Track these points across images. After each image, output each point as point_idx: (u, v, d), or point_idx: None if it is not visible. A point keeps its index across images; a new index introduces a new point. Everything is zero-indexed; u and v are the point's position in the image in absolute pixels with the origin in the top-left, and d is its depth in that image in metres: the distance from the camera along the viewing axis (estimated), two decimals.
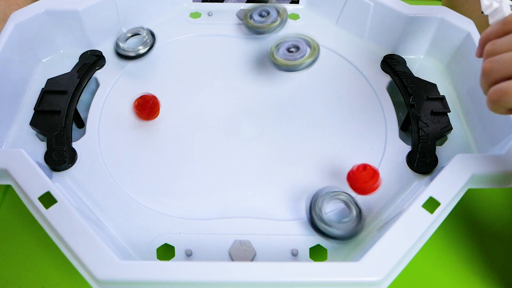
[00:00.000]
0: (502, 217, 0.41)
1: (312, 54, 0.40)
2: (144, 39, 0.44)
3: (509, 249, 0.39)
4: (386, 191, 0.36)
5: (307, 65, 0.40)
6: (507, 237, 0.39)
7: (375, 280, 0.27)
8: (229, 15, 0.50)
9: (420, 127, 0.39)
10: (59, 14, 0.43)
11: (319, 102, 0.42)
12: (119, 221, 0.34)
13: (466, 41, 0.43)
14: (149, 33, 0.45)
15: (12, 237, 0.38)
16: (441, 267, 0.38)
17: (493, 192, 0.42)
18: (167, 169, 0.37)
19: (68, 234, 0.28)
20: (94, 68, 0.44)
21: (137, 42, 0.45)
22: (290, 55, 0.41)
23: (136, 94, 0.42)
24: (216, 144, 0.39)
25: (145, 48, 0.44)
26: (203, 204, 0.36)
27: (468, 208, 0.41)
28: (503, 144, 0.35)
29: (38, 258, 0.37)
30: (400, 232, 0.29)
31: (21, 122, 0.39)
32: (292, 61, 0.40)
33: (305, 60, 0.40)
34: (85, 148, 0.38)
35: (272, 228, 0.34)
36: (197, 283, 0.27)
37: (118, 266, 0.27)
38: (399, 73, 0.44)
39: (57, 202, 0.30)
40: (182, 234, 0.34)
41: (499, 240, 0.39)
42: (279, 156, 0.39)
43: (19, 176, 0.31)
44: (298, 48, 0.41)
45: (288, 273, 0.27)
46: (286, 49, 0.41)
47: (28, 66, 0.43)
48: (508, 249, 0.39)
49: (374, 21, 0.47)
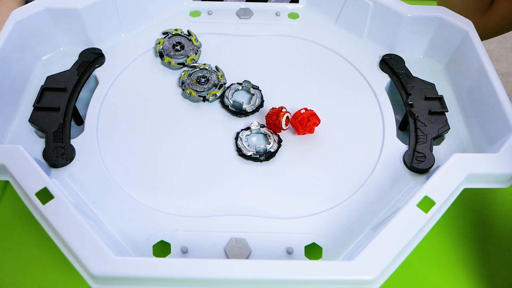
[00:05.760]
0: (498, 217, 0.41)
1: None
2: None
3: (505, 249, 0.39)
4: (382, 190, 0.36)
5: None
6: (503, 237, 0.39)
7: (369, 278, 0.27)
8: (229, 13, 0.50)
9: (418, 127, 0.39)
10: (59, 12, 0.43)
11: (316, 101, 0.42)
12: (116, 218, 0.34)
13: (465, 41, 0.43)
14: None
15: (10, 235, 0.38)
16: (436, 266, 0.38)
17: (490, 192, 0.42)
18: (164, 167, 0.38)
19: (64, 229, 0.29)
20: (93, 65, 0.44)
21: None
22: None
23: (135, 93, 0.43)
24: (213, 142, 0.39)
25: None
26: (200, 202, 0.36)
27: (464, 208, 0.41)
28: (500, 144, 0.35)
29: (36, 256, 0.37)
30: (394, 231, 0.29)
31: (21, 119, 0.40)
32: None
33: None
34: (84, 145, 0.38)
35: (268, 226, 0.34)
36: (193, 280, 0.28)
37: (113, 262, 0.28)
38: (398, 72, 0.44)
39: (54, 198, 0.30)
40: (178, 231, 0.34)
41: (496, 240, 0.39)
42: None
43: (17, 172, 0.31)
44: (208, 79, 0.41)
45: (283, 271, 0.28)
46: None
47: (28, 63, 0.43)
48: (504, 249, 0.39)
49: (373, 20, 0.47)
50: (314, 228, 0.34)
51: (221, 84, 0.43)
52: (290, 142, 0.40)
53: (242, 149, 0.38)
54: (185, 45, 0.46)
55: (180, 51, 0.46)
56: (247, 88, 0.43)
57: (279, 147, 0.39)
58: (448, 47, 0.45)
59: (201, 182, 0.37)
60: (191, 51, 0.46)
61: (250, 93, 0.43)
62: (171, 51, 0.45)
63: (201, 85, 0.43)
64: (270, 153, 0.38)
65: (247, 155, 0.38)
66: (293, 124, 0.39)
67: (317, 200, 0.36)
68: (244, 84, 0.43)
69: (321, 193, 0.36)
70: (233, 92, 0.43)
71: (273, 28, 0.49)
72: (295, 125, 0.39)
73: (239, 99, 0.42)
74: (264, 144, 0.39)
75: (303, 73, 0.45)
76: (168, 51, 0.45)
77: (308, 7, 0.51)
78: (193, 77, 0.43)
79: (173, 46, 0.46)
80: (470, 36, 0.42)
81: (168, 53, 0.45)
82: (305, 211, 0.35)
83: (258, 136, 0.40)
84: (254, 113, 0.42)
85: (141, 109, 0.41)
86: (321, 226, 0.34)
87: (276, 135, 0.40)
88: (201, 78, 0.43)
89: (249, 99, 0.43)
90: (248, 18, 0.50)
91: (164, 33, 0.47)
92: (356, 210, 0.35)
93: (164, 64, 0.45)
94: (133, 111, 0.41)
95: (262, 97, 0.43)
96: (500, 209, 0.41)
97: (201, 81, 0.43)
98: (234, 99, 0.42)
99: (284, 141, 0.40)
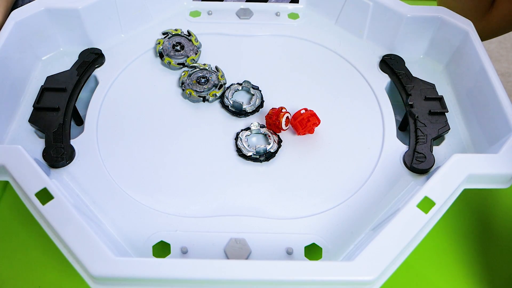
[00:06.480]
0: (498, 217, 0.41)
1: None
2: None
3: (505, 249, 0.39)
4: (382, 190, 0.36)
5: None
6: (503, 238, 0.39)
7: (369, 279, 0.27)
8: (229, 13, 0.50)
9: (418, 127, 0.39)
10: (59, 12, 0.43)
11: (316, 101, 0.42)
12: (116, 218, 0.34)
13: (465, 42, 0.43)
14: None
15: (10, 235, 0.38)
16: (436, 266, 0.38)
17: (490, 192, 0.42)
18: (164, 167, 0.38)
19: (64, 230, 0.29)
20: (93, 66, 0.44)
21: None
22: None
23: (135, 93, 0.43)
24: (213, 142, 0.39)
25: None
26: (200, 202, 0.36)
27: (464, 208, 0.41)
28: (500, 144, 0.35)
29: (36, 257, 0.37)
30: (394, 232, 0.29)
31: (20, 119, 0.40)
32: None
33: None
34: (83, 145, 0.38)
35: (268, 226, 0.34)
36: (192, 281, 0.28)
37: (113, 262, 0.28)
38: (398, 73, 0.44)
39: (53, 199, 0.30)
40: (178, 232, 0.34)
41: (496, 241, 0.39)
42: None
43: (17, 172, 0.31)
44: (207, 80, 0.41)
45: (282, 271, 0.28)
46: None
47: (27, 63, 0.43)
48: (504, 249, 0.39)
49: (373, 21, 0.47)
50: (314, 229, 0.34)
51: (221, 84, 0.43)
52: (290, 142, 0.40)
53: (242, 149, 0.38)
54: (185, 45, 0.46)
55: (180, 51, 0.46)
56: (247, 88, 0.43)
57: (279, 147, 0.39)
58: (448, 47, 0.45)
59: (201, 182, 0.37)
60: (191, 51, 0.46)
61: (250, 93, 0.43)
62: (171, 51, 0.45)
63: (201, 85, 0.43)
64: (270, 153, 0.38)
65: (247, 156, 0.38)
66: (293, 125, 0.39)
67: (317, 200, 0.36)
68: (244, 84, 0.43)
69: (321, 193, 0.36)
70: (233, 93, 0.43)
71: (273, 28, 0.49)
72: (295, 125, 0.39)
73: (239, 99, 0.42)
74: (264, 144, 0.39)
75: (303, 73, 0.45)
76: (168, 51, 0.45)
77: (308, 7, 0.51)
78: (193, 77, 0.43)
79: (173, 46, 0.46)
80: (470, 36, 0.42)
81: (168, 53, 0.45)
82: (305, 212, 0.35)
83: (258, 137, 0.40)
84: (254, 114, 0.42)
85: (141, 110, 0.41)
86: (321, 227, 0.34)
87: (276, 135, 0.40)
88: (201, 78, 0.43)
89: (249, 99, 0.43)
90: (248, 18, 0.50)
91: (164, 33, 0.47)
92: (356, 210, 0.35)
93: (164, 64, 0.45)
94: (133, 111, 0.41)
95: (262, 98, 0.43)
96: (500, 210, 0.41)
97: (201, 81, 0.43)
98: (234, 99, 0.42)
99: (284, 141, 0.40)
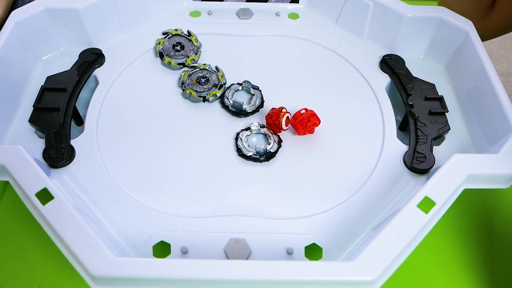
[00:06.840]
0: (499, 217, 0.41)
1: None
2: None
3: (506, 249, 0.39)
4: (382, 190, 0.36)
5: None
6: (504, 238, 0.39)
7: (369, 279, 0.27)
8: (229, 13, 0.50)
9: (418, 127, 0.39)
10: (59, 12, 0.43)
11: (317, 101, 0.42)
12: (116, 218, 0.34)
13: (465, 42, 0.43)
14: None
15: (10, 235, 0.38)
16: (436, 267, 0.38)
17: (490, 192, 0.42)
18: (164, 167, 0.38)
19: (64, 230, 0.29)
20: (93, 66, 0.44)
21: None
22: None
23: (135, 93, 0.43)
24: (213, 142, 0.39)
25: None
26: (200, 202, 0.36)
27: (465, 208, 0.41)
28: (501, 144, 0.35)
29: (36, 257, 0.37)
30: (394, 232, 0.29)
31: (21, 119, 0.40)
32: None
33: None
34: (84, 145, 0.38)
35: (268, 226, 0.34)
36: (193, 281, 0.28)
37: (113, 262, 0.28)
38: (398, 73, 0.44)
39: (54, 199, 0.30)
40: (178, 232, 0.34)
41: (496, 241, 0.39)
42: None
43: (17, 173, 0.31)
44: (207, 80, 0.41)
45: (283, 271, 0.28)
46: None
47: (28, 64, 0.43)
48: (505, 249, 0.39)
49: (373, 20, 0.47)
50: (314, 229, 0.34)
51: (221, 85, 0.43)
52: (290, 142, 0.40)
53: (242, 149, 0.38)
54: (185, 45, 0.46)
55: (180, 51, 0.46)
56: (247, 88, 0.43)
57: (279, 147, 0.39)
58: (449, 48, 0.45)
59: (201, 183, 0.37)
60: (191, 51, 0.46)
61: (250, 93, 0.43)
62: (171, 51, 0.45)
63: (201, 85, 0.43)
64: (270, 153, 0.38)
65: (247, 156, 0.38)
66: (293, 125, 0.39)
67: (317, 200, 0.36)
68: (244, 84, 0.43)
69: (321, 193, 0.36)
70: (233, 93, 0.43)
71: (273, 28, 0.49)
72: (295, 125, 0.39)
73: (239, 99, 0.42)
74: (264, 144, 0.39)
75: (303, 73, 0.45)
76: (168, 51, 0.45)
77: (308, 7, 0.51)
78: (193, 77, 0.43)
79: (173, 46, 0.46)
80: (471, 36, 0.42)
81: (168, 53, 0.45)
82: (305, 212, 0.35)
83: (258, 137, 0.40)
84: (254, 114, 0.42)
85: (141, 110, 0.41)
86: (321, 227, 0.34)
87: (276, 135, 0.40)
88: (201, 79, 0.43)
89: (249, 99, 0.43)
90: (248, 18, 0.50)
91: (164, 33, 0.47)
92: (356, 210, 0.35)
93: (164, 64, 0.45)
94: (133, 111, 0.41)
95: (262, 98, 0.43)
96: (500, 210, 0.41)
97: (201, 82, 0.43)
98: (234, 99, 0.42)
99: (284, 141, 0.40)
